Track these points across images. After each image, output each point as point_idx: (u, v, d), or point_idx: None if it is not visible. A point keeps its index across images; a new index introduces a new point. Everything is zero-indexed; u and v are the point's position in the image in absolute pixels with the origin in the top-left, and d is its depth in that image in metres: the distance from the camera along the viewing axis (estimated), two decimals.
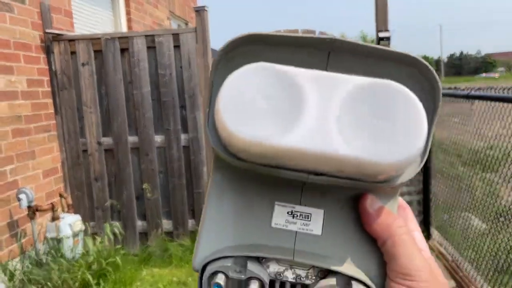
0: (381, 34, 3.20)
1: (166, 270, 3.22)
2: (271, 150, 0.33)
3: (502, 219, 2.52)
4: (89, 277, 2.68)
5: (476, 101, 2.36)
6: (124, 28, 4.96)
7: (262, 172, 0.36)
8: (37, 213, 2.91)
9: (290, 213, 0.39)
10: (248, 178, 0.40)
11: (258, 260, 0.38)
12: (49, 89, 3.33)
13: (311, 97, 0.33)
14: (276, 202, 0.39)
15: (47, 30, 3.26)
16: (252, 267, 0.37)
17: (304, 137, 0.32)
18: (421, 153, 0.36)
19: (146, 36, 3.32)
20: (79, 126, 3.43)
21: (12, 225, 2.81)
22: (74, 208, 3.41)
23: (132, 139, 3.42)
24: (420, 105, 0.33)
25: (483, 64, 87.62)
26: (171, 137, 3.40)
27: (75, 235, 2.97)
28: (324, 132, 0.32)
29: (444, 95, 2.89)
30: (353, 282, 0.36)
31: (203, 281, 0.37)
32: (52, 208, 2.92)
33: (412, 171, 0.37)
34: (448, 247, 3.25)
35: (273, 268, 0.38)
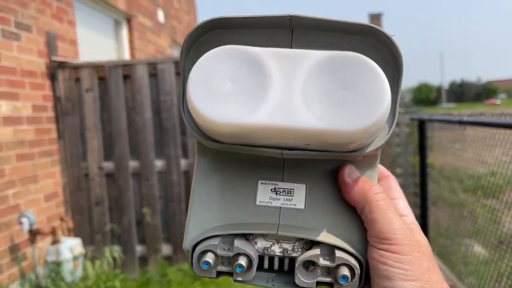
0: None
1: None
2: (240, 129, 0.34)
3: (504, 246, 2.53)
4: None
5: (468, 127, 2.42)
6: (127, 56, 5.08)
7: (239, 151, 0.38)
8: (38, 237, 2.94)
9: (273, 190, 0.40)
10: (231, 160, 0.41)
11: (246, 237, 0.39)
12: (53, 114, 3.41)
13: (275, 74, 0.34)
14: (259, 180, 0.41)
15: (53, 58, 3.36)
16: (239, 243, 0.38)
17: (270, 114, 0.34)
18: (388, 119, 0.37)
19: (149, 63, 3.41)
20: (81, 151, 3.49)
21: (13, 249, 2.84)
22: (75, 232, 3.43)
23: (133, 164, 3.48)
24: (381, 73, 0.34)
25: (484, 91, 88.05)
26: (172, 162, 3.45)
27: (75, 258, 2.99)
28: (290, 107, 0.34)
29: (439, 121, 2.95)
30: (336, 251, 0.38)
31: (193, 260, 0.39)
32: (53, 231, 2.95)
33: (381, 138, 0.38)
34: (448, 273, 3.24)
35: (261, 244, 0.40)
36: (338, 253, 0.38)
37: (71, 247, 2.98)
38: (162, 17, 6.23)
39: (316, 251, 0.38)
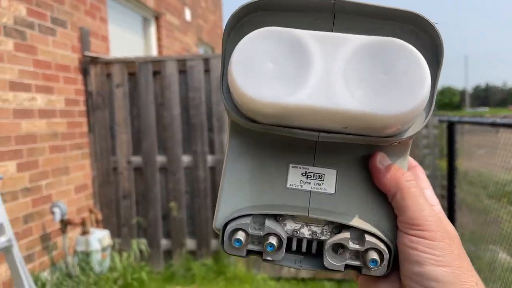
0: None
1: None
2: (280, 109, 0.34)
3: None
4: None
5: (501, 129, 2.38)
6: (154, 54, 5.16)
7: (275, 133, 0.38)
8: (69, 227, 3.02)
9: (304, 174, 0.41)
10: (263, 142, 0.42)
11: (275, 218, 0.40)
12: (85, 108, 3.49)
13: (316, 57, 0.35)
14: (290, 164, 0.41)
15: (86, 53, 3.44)
16: (270, 224, 0.39)
17: (311, 94, 0.34)
18: (426, 107, 0.37)
19: (178, 60, 3.46)
20: (111, 145, 3.56)
21: (45, 238, 2.92)
22: (103, 224, 3.50)
23: (160, 158, 3.53)
24: (422, 59, 0.34)
25: (510, 96, 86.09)
26: (198, 158, 3.49)
27: (103, 249, 3.06)
28: (330, 89, 0.34)
29: (470, 123, 2.91)
30: (366, 235, 0.38)
31: (224, 238, 0.39)
32: (83, 222, 3.03)
33: (417, 125, 0.38)
34: None
35: (290, 226, 0.40)
36: (368, 238, 0.38)
37: (99, 238, 3.05)
38: (189, 15, 6.30)
39: (346, 234, 0.39)
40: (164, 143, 3.53)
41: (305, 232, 0.40)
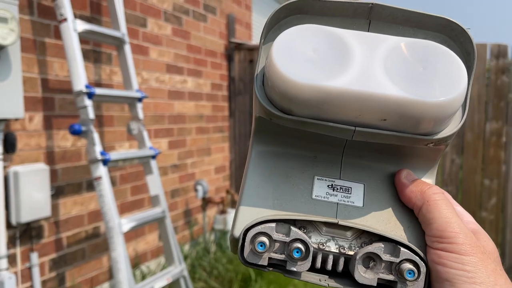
0: None
1: None
2: (320, 93, 0.34)
3: None
4: (251, 272, 2.81)
5: None
6: None
7: (307, 129, 0.37)
8: (209, 205, 3.17)
9: (330, 186, 0.40)
10: (287, 153, 0.41)
11: (300, 228, 0.38)
12: (227, 93, 3.62)
13: (357, 49, 0.35)
14: (316, 176, 0.40)
15: (231, 40, 3.55)
16: (296, 230, 0.37)
17: (353, 79, 0.34)
18: (462, 107, 0.37)
19: None
20: (249, 130, 3.65)
21: (187, 213, 3.10)
22: None
23: None
24: (459, 59, 0.35)
25: None
26: None
27: None
28: (372, 75, 0.34)
29: None
30: (400, 247, 0.36)
31: (245, 244, 0.36)
32: (222, 202, 3.15)
33: (452, 127, 0.37)
34: None
35: (315, 238, 0.38)
36: (403, 249, 0.36)
37: None
38: None
39: (379, 244, 0.36)
40: None
41: (332, 246, 0.38)
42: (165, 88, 2.83)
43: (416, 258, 0.36)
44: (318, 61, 0.35)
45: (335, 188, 0.40)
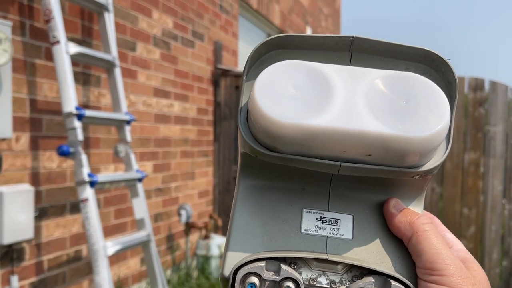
0: None
1: None
2: (303, 132, 0.34)
3: None
4: None
5: None
6: None
7: (293, 164, 0.37)
8: (192, 230, 3.14)
9: (319, 219, 0.39)
10: (274, 186, 0.40)
11: (290, 265, 0.37)
12: (212, 118, 3.65)
13: (339, 85, 0.35)
14: (304, 209, 0.40)
15: (218, 66, 3.61)
16: (286, 268, 0.36)
17: (336, 117, 0.34)
18: (446, 138, 0.37)
19: None
20: (233, 155, 3.67)
21: (170, 238, 3.07)
22: (222, 231, 3.60)
23: None
24: (439, 89, 0.35)
25: None
26: None
27: (222, 256, 3.13)
28: (355, 112, 0.34)
29: None
30: (391, 281, 0.36)
31: (235, 284, 0.36)
32: (205, 227, 3.13)
33: (437, 158, 0.37)
34: None
35: (306, 274, 0.37)
36: (394, 283, 0.36)
37: (219, 244, 3.13)
38: (310, 33, 6.36)
39: (369, 279, 0.36)
40: None
41: (323, 281, 0.37)
42: (152, 111, 2.84)
43: None
44: (300, 99, 0.35)
45: (324, 221, 0.39)
